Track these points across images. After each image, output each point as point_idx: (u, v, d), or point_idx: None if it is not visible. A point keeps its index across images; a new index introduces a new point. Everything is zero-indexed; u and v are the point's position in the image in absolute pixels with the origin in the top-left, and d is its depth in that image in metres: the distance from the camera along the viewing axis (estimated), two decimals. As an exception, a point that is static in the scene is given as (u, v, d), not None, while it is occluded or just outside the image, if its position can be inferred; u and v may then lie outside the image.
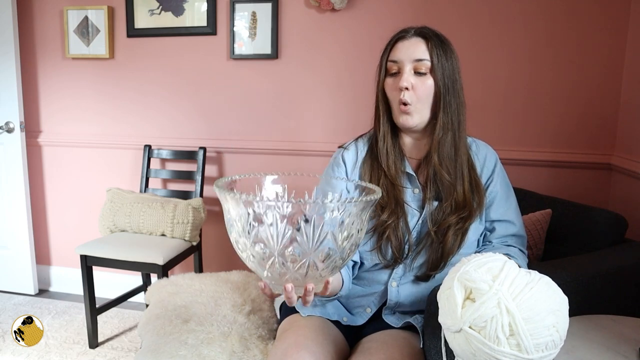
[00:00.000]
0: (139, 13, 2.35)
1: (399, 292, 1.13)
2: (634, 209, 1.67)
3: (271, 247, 0.71)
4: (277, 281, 0.76)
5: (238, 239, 0.75)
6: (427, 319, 1.04)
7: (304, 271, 0.73)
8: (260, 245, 0.72)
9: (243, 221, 0.72)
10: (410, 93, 1.06)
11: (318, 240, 0.71)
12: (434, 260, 1.08)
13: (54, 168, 2.63)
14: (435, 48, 1.06)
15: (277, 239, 0.70)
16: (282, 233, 0.70)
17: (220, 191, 0.73)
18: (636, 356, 0.87)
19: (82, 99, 2.52)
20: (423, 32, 1.08)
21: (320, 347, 1.01)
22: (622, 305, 1.19)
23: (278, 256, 0.71)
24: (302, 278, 0.74)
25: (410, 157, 1.17)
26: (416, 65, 1.06)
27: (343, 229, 0.72)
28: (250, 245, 0.72)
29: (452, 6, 2.02)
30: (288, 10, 2.20)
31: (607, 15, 1.87)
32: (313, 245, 0.71)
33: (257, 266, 0.75)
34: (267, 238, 0.71)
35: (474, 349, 0.71)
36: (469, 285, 0.74)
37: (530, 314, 0.69)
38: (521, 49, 1.98)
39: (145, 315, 1.43)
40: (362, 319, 1.16)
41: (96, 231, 2.44)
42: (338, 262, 0.75)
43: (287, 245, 0.71)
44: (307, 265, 0.72)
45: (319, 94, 2.24)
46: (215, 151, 2.39)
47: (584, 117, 1.94)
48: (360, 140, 1.22)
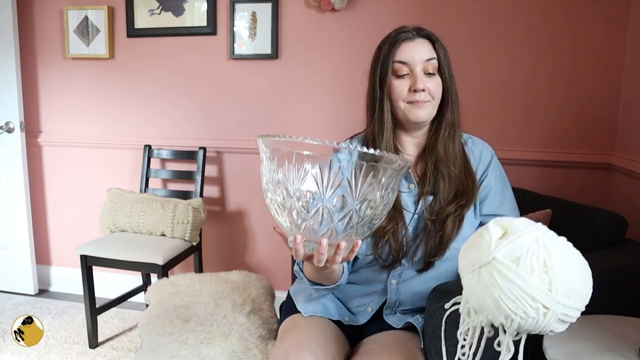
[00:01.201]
0: (139, 13, 2.35)
1: (398, 290, 1.13)
2: (634, 209, 1.67)
3: (319, 195, 0.73)
4: (314, 236, 0.77)
5: (279, 192, 0.76)
6: (427, 318, 1.04)
7: (343, 224, 0.74)
8: (306, 195, 0.73)
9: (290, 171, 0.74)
10: (426, 93, 1.07)
11: (362, 191, 0.73)
12: (432, 248, 1.09)
13: (54, 168, 2.63)
14: (440, 48, 1.09)
15: (327, 186, 0.72)
16: (332, 179, 0.72)
17: (266, 138, 0.76)
18: (636, 356, 0.87)
19: (82, 99, 2.52)
20: (425, 33, 1.10)
21: (321, 347, 1.01)
22: (622, 305, 1.19)
23: (324, 205, 0.73)
24: (338, 235, 0.76)
25: (406, 154, 1.17)
26: (425, 66, 1.08)
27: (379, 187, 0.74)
28: (294, 195, 0.74)
29: (451, 6, 2.02)
30: (288, 10, 2.20)
31: (607, 15, 1.87)
32: (358, 195, 0.73)
33: (296, 220, 0.76)
34: (316, 185, 0.73)
35: (500, 284, 0.66)
36: (506, 225, 0.70)
37: (566, 256, 0.67)
38: (521, 49, 1.98)
39: (145, 315, 1.43)
40: (363, 318, 1.16)
41: (96, 231, 2.44)
42: (373, 220, 0.76)
43: (334, 194, 0.73)
44: (349, 217, 0.74)
45: (319, 94, 2.24)
46: (215, 151, 2.39)
47: (584, 117, 1.94)
48: (354, 139, 1.22)
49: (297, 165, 0.73)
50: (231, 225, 2.44)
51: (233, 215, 2.43)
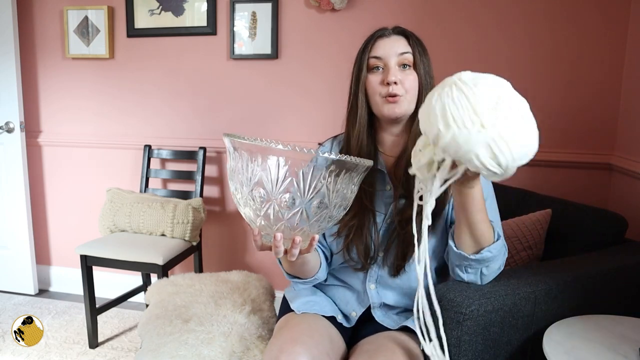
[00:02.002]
0: (139, 13, 2.35)
1: (379, 294, 1.13)
2: (634, 209, 1.67)
3: (269, 192, 0.78)
4: (269, 230, 0.82)
5: (239, 187, 0.82)
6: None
7: (295, 220, 0.79)
8: (259, 191, 0.79)
9: (246, 167, 0.79)
10: (399, 86, 1.06)
11: (312, 190, 0.78)
12: (401, 250, 1.08)
13: (54, 168, 2.63)
14: (415, 45, 1.08)
15: (277, 184, 0.77)
16: (281, 178, 0.77)
17: (229, 137, 0.80)
18: (636, 356, 0.87)
19: (82, 99, 2.52)
20: (402, 30, 1.11)
21: (315, 342, 1.01)
22: (622, 305, 1.19)
23: (274, 202, 0.78)
24: (293, 229, 0.81)
25: (384, 153, 1.15)
26: (400, 59, 1.07)
27: (335, 184, 0.79)
28: (249, 191, 0.79)
29: (452, 6, 2.02)
30: (288, 10, 2.20)
31: (607, 15, 1.87)
32: (308, 194, 0.78)
33: (253, 214, 0.81)
34: (267, 182, 0.78)
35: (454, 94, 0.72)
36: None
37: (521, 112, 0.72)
38: (521, 49, 1.98)
39: (145, 315, 1.43)
40: (349, 322, 1.17)
41: (96, 231, 2.44)
42: (326, 218, 0.81)
43: (284, 192, 0.78)
44: (300, 214, 0.79)
45: (319, 94, 2.24)
46: (215, 151, 2.39)
47: (584, 117, 1.94)
48: (337, 138, 1.23)
49: (258, 164, 0.78)
50: (231, 225, 2.44)
51: (233, 215, 2.43)
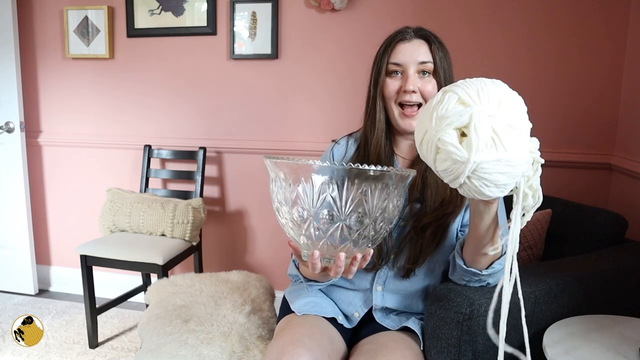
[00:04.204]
0: (139, 13, 2.35)
1: (384, 296, 1.13)
2: (634, 209, 1.67)
3: (307, 209, 0.77)
4: (311, 247, 0.80)
5: (279, 207, 0.80)
6: (427, 319, 1.04)
7: (337, 236, 0.77)
8: (298, 209, 0.77)
9: (285, 186, 0.78)
10: (417, 95, 1.06)
11: (350, 204, 0.76)
12: (413, 255, 1.08)
13: (54, 168, 2.63)
14: (437, 50, 1.07)
15: (314, 201, 0.76)
16: (317, 194, 0.76)
17: (270, 159, 0.80)
18: (636, 356, 0.87)
19: (82, 99, 2.52)
20: (424, 34, 1.09)
21: (316, 343, 1.01)
22: (622, 305, 1.19)
23: (313, 219, 0.76)
24: (336, 247, 0.79)
25: (400, 156, 1.16)
26: (420, 68, 1.06)
27: (377, 198, 0.77)
28: (289, 210, 0.78)
29: (453, 6, 2.02)
30: (288, 10, 2.20)
31: (607, 15, 1.87)
32: (346, 209, 0.76)
33: (295, 231, 0.80)
34: (304, 200, 0.76)
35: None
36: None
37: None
38: (522, 49, 1.98)
39: (145, 315, 1.43)
40: (351, 323, 1.17)
41: (96, 231, 2.44)
42: (370, 233, 0.79)
43: (321, 207, 0.76)
44: (340, 230, 0.77)
45: (319, 94, 2.24)
46: (215, 151, 2.39)
47: (584, 117, 1.94)
48: (352, 136, 1.22)
49: (312, 187, 0.76)
50: (231, 225, 2.44)
51: (233, 215, 2.43)
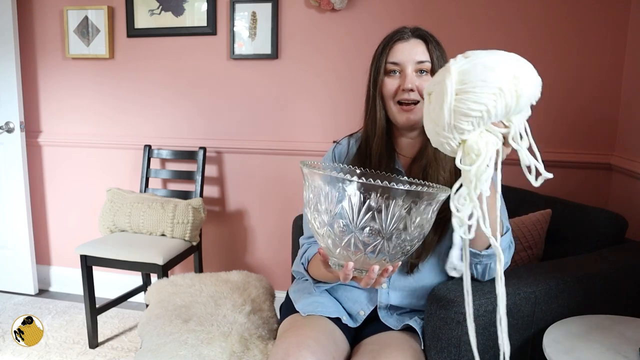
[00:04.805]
0: (139, 13, 2.35)
1: (389, 294, 1.14)
2: (634, 209, 1.67)
3: (349, 223, 0.75)
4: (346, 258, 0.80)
5: (317, 217, 0.80)
6: (427, 319, 1.04)
7: (377, 249, 0.77)
8: (340, 222, 0.77)
9: (325, 197, 0.77)
10: (415, 93, 1.07)
11: (396, 220, 0.75)
12: (417, 249, 1.07)
13: (54, 168, 2.63)
14: (434, 49, 1.08)
15: (357, 215, 0.75)
16: (363, 210, 0.75)
17: (308, 168, 0.79)
18: (636, 356, 0.87)
19: (82, 99, 2.52)
20: (421, 33, 1.10)
21: (321, 346, 1.01)
22: (622, 305, 1.19)
23: (356, 233, 0.76)
24: (373, 256, 0.79)
25: (400, 154, 1.17)
26: (417, 67, 1.08)
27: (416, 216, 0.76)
28: (329, 221, 0.77)
29: (452, 6, 2.02)
30: (288, 10, 2.20)
31: (607, 15, 1.87)
32: (389, 226, 0.75)
33: (331, 244, 0.80)
34: (348, 214, 0.75)
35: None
36: None
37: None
38: (522, 49, 1.96)
39: (145, 315, 1.43)
40: (355, 322, 1.17)
41: (96, 231, 2.44)
42: (407, 246, 0.79)
43: (365, 224, 0.75)
44: (379, 246, 0.77)
45: (319, 94, 2.24)
46: (215, 151, 2.39)
47: (584, 116, 1.94)
48: (353, 137, 1.23)
49: (359, 202, 0.75)
50: (231, 225, 2.44)
51: (233, 215, 2.43)
